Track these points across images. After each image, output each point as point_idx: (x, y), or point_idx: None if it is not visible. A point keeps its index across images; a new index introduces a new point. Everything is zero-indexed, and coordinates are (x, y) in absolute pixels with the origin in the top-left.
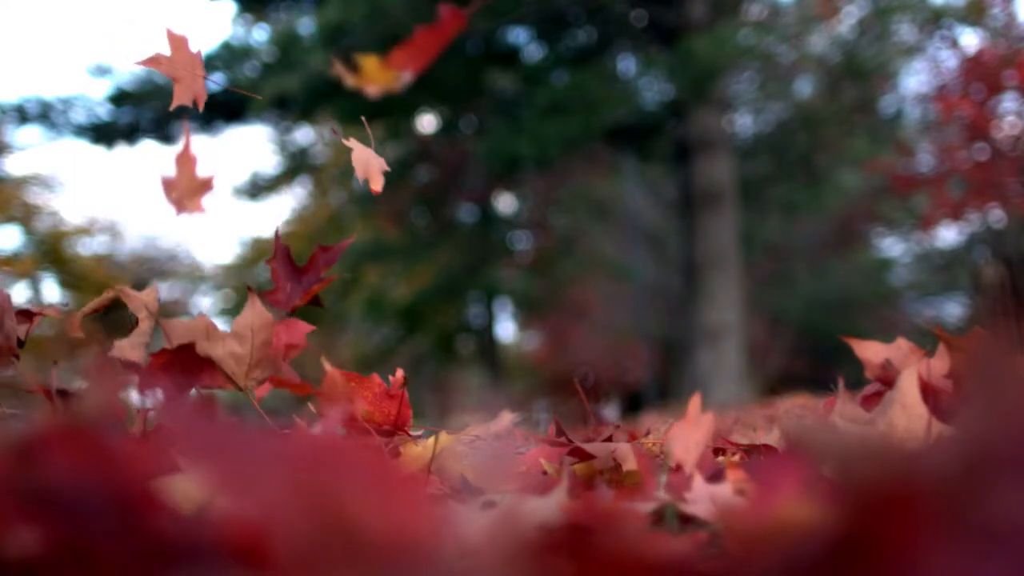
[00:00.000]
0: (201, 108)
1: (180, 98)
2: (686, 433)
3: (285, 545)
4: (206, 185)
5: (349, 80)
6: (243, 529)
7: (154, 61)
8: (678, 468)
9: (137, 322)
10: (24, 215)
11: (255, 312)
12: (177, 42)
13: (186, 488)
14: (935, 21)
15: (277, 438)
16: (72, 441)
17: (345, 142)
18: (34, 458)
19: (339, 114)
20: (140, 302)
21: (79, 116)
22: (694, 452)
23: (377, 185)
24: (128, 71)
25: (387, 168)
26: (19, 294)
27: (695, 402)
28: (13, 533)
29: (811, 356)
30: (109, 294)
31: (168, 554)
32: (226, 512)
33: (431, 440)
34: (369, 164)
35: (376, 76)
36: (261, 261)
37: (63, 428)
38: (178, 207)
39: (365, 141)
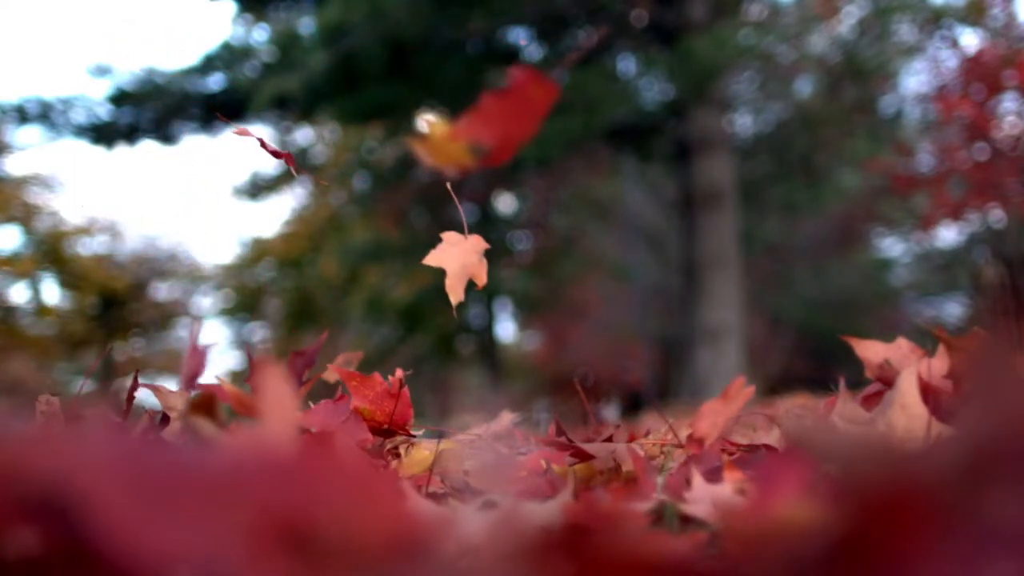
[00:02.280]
0: (296, 174)
1: (269, 159)
2: (717, 408)
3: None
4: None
5: (425, 159)
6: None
7: (242, 132)
8: (699, 441)
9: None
10: (24, 215)
11: None
12: (247, 132)
13: None
14: (935, 21)
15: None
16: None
17: (434, 263)
18: (34, 458)
19: (339, 114)
20: (173, 401)
21: (79, 116)
22: (720, 426)
23: (482, 279)
24: (128, 71)
25: (486, 245)
26: (19, 294)
27: (738, 383)
28: (13, 533)
29: (811, 356)
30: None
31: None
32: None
33: (433, 442)
34: (468, 265)
35: (445, 148)
36: (261, 261)
37: (63, 428)
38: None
39: (365, 141)
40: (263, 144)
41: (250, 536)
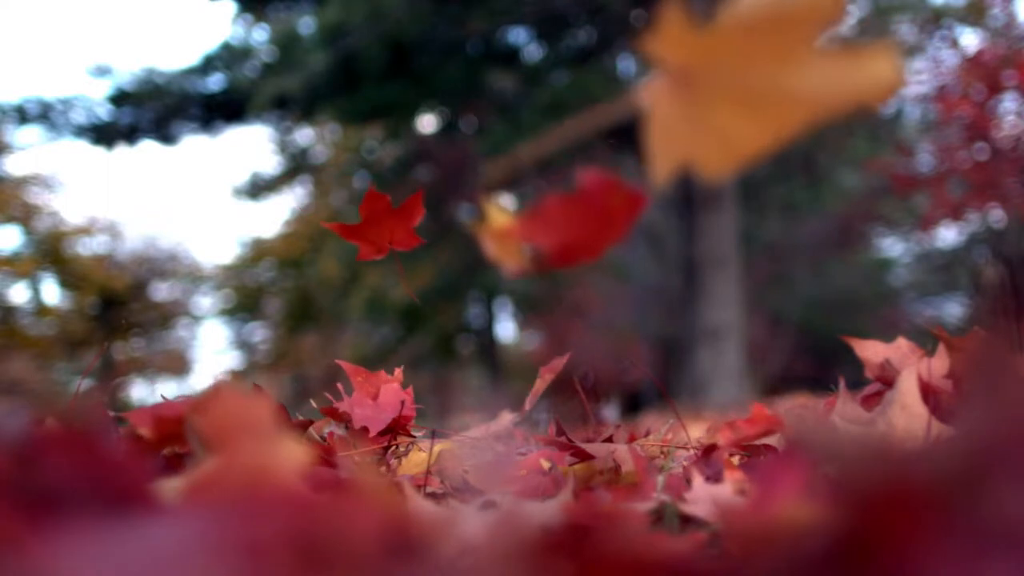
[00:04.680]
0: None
1: (366, 254)
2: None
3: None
4: None
5: (487, 249)
6: None
7: (334, 224)
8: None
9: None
10: (24, 215)
11: None
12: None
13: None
14: (935, 21)
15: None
16: (71, 442)
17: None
18: (34, 458)
19: (339, 114)
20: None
21: (79, 116)
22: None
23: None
24: (128, 71)
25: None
26: (19, 294)
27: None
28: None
29: (811, 356)
30: None
31: None
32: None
33: (431, 442)
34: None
35: (503, 241)
36: (261, 261)
37: (62, 429)
38: None
39: (365, 141)
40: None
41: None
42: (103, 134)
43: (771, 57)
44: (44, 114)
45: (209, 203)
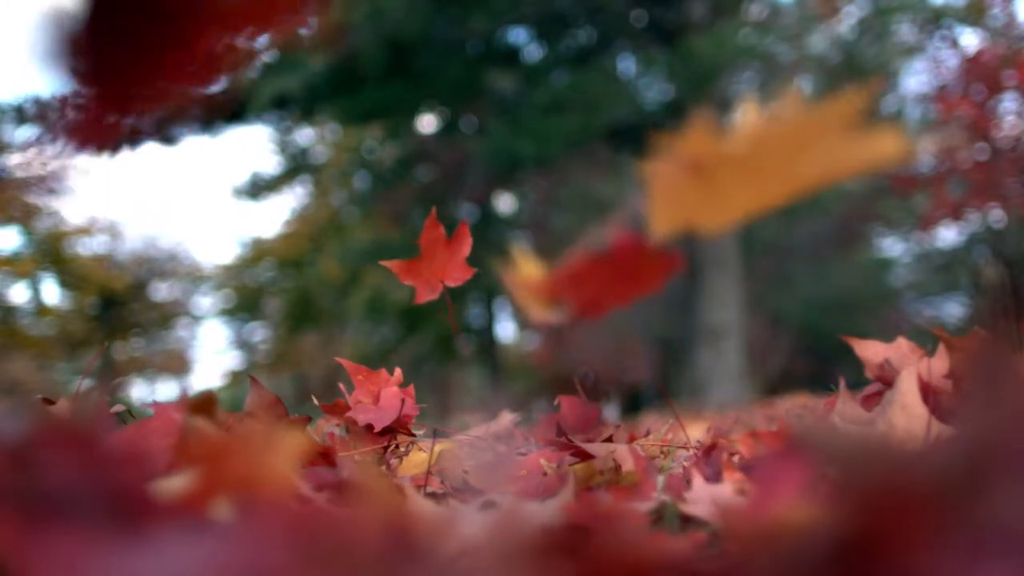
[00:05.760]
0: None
1: (423, 295)
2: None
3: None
4: None
5: (516, 295)
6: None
7: (392, 262)
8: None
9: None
10: (24, 215)
11: None
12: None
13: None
14: (935, 21)
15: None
16: (71, 443)
17: None
18: (32, 458)
19: (339, 114)
20: None
21: None
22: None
23: None
24: None
25: None
26: (19, 294)
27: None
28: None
29: (811, 356)
30: None
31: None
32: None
33: (431, 442)
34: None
35: (530, 291)
36: (261, 261)
37: (61, 428)
38: None
39: (365, 141)
40: None
41: None
42: None
43: (785, 153)
44: (44, 114)
45: (209, 203)
